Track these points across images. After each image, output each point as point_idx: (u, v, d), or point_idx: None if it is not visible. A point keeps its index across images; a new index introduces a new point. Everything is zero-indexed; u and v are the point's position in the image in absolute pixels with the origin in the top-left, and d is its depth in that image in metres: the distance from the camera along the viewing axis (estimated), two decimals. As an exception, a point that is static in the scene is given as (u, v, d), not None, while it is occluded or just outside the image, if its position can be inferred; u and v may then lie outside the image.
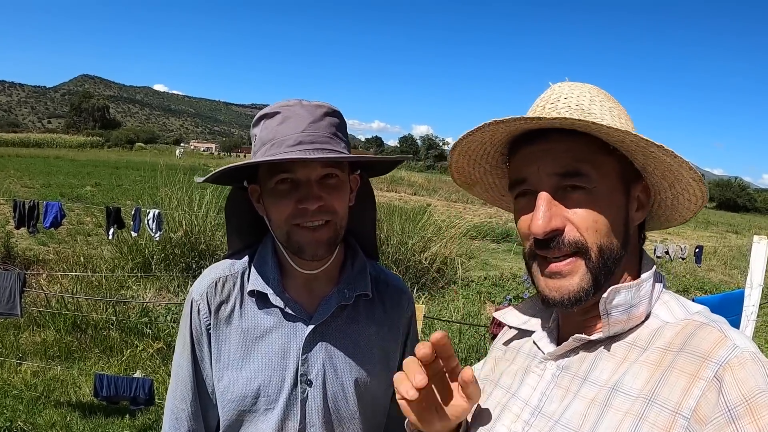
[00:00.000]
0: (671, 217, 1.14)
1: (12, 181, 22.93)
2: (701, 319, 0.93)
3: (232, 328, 1.47)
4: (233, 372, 1.45)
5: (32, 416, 4.87)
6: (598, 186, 0.97)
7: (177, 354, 1.54)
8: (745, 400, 0.78)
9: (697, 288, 12.31)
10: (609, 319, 0.96)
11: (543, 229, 0.96)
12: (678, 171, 0.98)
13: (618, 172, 1.01)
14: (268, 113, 1.39)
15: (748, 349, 0.84)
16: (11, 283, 4.94)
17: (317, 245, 1.37)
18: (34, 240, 11.14)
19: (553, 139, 0.99)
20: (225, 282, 1.49)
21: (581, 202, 0.97)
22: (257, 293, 1.46)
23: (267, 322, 1.46)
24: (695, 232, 29.08)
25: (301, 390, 1.44)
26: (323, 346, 1.46)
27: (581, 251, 0.97)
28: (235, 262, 1.53)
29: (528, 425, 1.01)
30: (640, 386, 0.89)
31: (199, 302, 1.48)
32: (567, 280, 0.98)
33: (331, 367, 1.46)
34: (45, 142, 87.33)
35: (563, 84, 1.08)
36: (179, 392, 1.51)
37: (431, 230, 10.45)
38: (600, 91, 1.07)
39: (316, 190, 1.35)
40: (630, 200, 1.03)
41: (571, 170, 0.97)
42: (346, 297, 1.49)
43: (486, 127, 0.99)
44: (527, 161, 1.02)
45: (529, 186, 1.02)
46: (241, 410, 1.44)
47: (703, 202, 1.05)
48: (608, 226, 0.98)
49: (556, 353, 1.05)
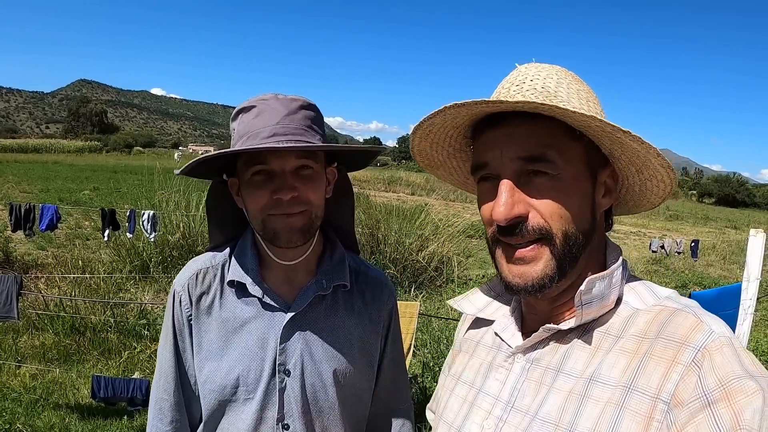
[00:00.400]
0: (639, 203, 1.13)
1: (10, 187, 22.91)
2: (674, 305, 0.94)
3: (212, 319, 1.49)
4: (213, 362, 1.47)
5: (31, 419, 4.87)
6: (563, 172, 0.96)
7: (160, 346, 1.56)
8: (721, 384, 0.79)
9: (696, 283, 12.29)
10: (583, 309, 0.95)
11: (505, 216, 0.95)
12: (645, 157, 0.96)
13: (584, 158, 0.99)
14: (245, 107, 1.42)
15: (723, 334, 0.85)
16: (8, 286, 4.94)
17: (291, 231, 1.40)
18: (33, 244, 11.13)
19: (516, 123, 0.97)
20: (206, 273, 1.52)
21: (545, 188, 0.96)
22: (236, 283, 1.49)
23: (246, 312, 1.48)
24: (694, 228, 29.14)
25: (280, 380, 1.46)
26: (301, 336, 1.48)
27: (545, 237, 0.96)
28: (216, 255, 1.55)
29: (501, 421, 1.00)
30: (618, 375, 0.89)
31: (181, 294, 1.51)
32: (531, 266, 0.97)
33: (309, 357, 1.48)
34: (43, 147, 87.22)
35: (530, 65, 1.05)
36: (162, 383, 1.54)
37: (429, 229, 10.46)
38: (568, 73, 1.04)
39: (291, 180, 1.37)
40: (596, 186, 1.02)
41: (535, 155, 0.95)
42: (323, 287, 1.51)
43: (447, 110, 0.97)
44: (490, 145, 1.00)
45: (491, 170, 1.00)
46: (221, 400, 1.46)
47: (672, 188, 1.03)
48: (573, 213, 0.96)
49: (524, 346, 1.04)
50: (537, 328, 1.02)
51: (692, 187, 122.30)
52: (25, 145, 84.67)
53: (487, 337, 1.17)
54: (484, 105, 0.93)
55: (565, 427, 0.90)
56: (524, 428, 0.95)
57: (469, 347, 1.21)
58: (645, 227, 26.59)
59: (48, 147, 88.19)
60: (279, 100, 1.40)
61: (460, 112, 0.98)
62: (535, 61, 1.06)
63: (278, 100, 1.40)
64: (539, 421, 0.94)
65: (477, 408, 1.06)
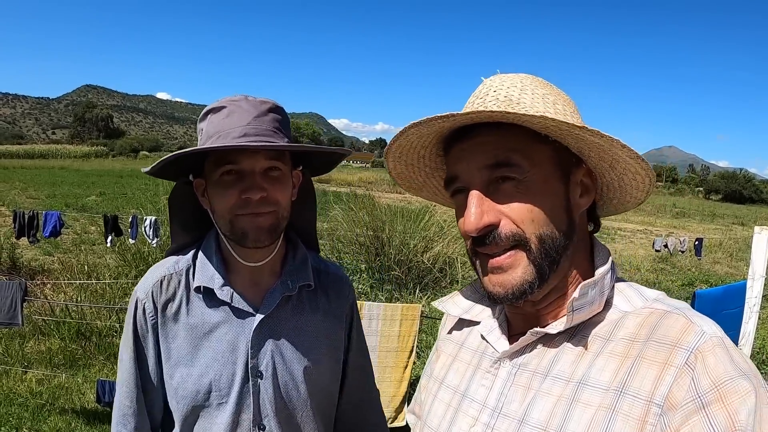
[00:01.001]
0: (623, 200, 1.11)
1: (17, 193, 23.06)
2: (663, 307, 0.93)
3: (179, 326, 1.49)
4: (184, 368, 1.47)
5: (37, 423, 4.90)
6: (529, 174, 0.95)
7: (121, 353, 1.56)
8: (715, 386, 0.79)
9: (703, 281, 12.25)
10: (574, 314, 0.94)
11: (475, 226, 0.94)
12: (611, 151, 0.95)
13: (553, 159, 0.98)
14: (214, 107, 1.43)
15: (715, 335, 0.85)
16: (12, 293, 4.96)
17: (259, 231, 1.41)
18: (39, 250, 11.19)
19: (482, 134, 0.97)
20: (170, 280, 1.51)
21: (513, 193, 0.95)
22: (203, 289, 1.49)
23: (214, 317, 1.49)
24: (701, 225, 29.04)
25: (253, 382, 1.47)
26: (271, 338, 1.50)
27: (520, 243, 0.95)
28: (180, 260, 1.55)
29: (489, 428, 0.99)
30: (609, 378, 0.88)
31: (144, 301, 1.50)
32: (509, 274, 0.96)
33: (280, 358, 1.50)
34: (50, 153, 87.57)
35: (494, 77, 1.04)
36: (124, 389, 1.53)
37: (433, 230, 10.44)
38: (535, 80, 1.03)
39: (260, 181, 1.39)
40: (571, 186, 1.00)
41: (500, 160, 0.95)
42: (289, 288, 1.53)
43: (408, 130, 0.97)
44: (457, 158, 1.00)
45: (461, 183, 1.00)
46: (194, 406, 1.47)
47: (650, 180, 1.01)
48: (546, 215, 0.95)
49: (511, 350, 1.03)
50: (523, 330, 1.02)
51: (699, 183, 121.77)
52: (31, 151, 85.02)
53: (471, 339, 1.16)
54: (439, 121, 0.93)
55: (553, 431, 0.89)
56: None
57: (453, 350, 1.20)
58: (652, 225, 26.55)
59: (54, 152, 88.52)
60: (249, 102, 1.41)
61: (422, 131, 0.99)
62: (499, 72, 1.05)
63: (248, 102, 1.41)
64: (527, 426, 0.93)
65: (463, 414, 1.05)
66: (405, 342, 4.61)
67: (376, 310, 4.53)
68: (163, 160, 1.40)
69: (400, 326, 4.58)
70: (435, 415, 1.12)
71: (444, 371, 1.17)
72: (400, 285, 9.03)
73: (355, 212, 10.40)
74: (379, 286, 8.96)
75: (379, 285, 9.00)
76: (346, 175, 46.28)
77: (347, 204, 10.80)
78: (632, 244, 18.38)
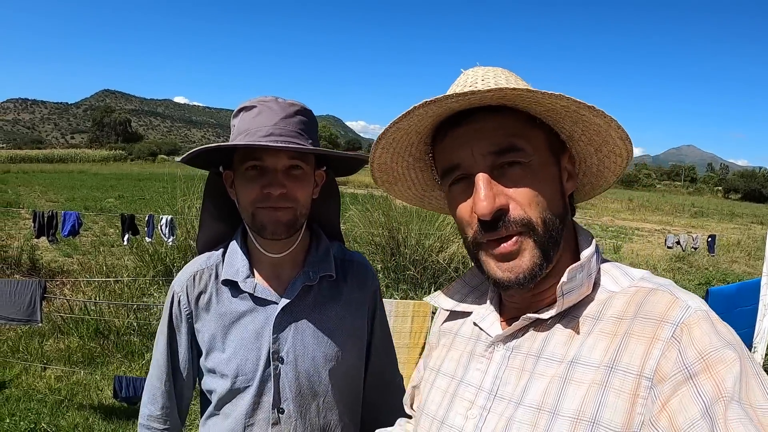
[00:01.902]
0: (596, 185, 1.15)
1: (37, 196, 23.26)
2: (648, 285, 0.96)
3: (211, 315, 1.60)
4: (217, 353, 1.58)
5: (56, 418, 4.98)
6: (533, 159, 0.97)
7: (157, 340, 1.69)
8: (701, 356, 0.81)
9: (720, 280, 12.09)
10: (564, 299, 0.96)
11: (490, 209, 0.94)
12: (606, 132, 0.98)
13: (547, 144, 1.01)
14: (246, 106, 1.52)
15: (700, 308, 0.87)
16: (32, 291, 5.07)
17: (276, 224, 1.49)
18: (59, 251, 11.31)
19: (480, 118, 0.98)
20: (202, 274, 1.63)
21: (520, 177, 0.96)
22: (230, 282, 1.60)
23: (240, 307, 1.59)
24: (720, 224, 28.72)
25: (274, 367, 1.55)
26: (293, 326, 1.58)
27: (527, 227, 0.95)
28: (211, 256, 1.67)
29: (485, 410, 1.01)
30: (599, 356, 0.90)
31: (180, 294, 1.62)
32: (518, 259, 0.97)
33: (301, 345, 1.58)
34: (69, 157, 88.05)
35: (476, 68, 1.05)
36: (156, 372, 1.67)
37: (449, 230, 10.43)
38: (512, 73, 1.05)
39: (281, 178, 1.48)
40: (561, 171, 1.04)
41: (505, 146, 0.96)
42: (310, 278, 1.61)
43: (415, 111, 0.94)
44: (457, 145, 1.00)
45: (463, 171, 1.00)
46: (225, 388, 1.56)
47: (628, 162, 1.05)
48: (548, 199, 0.98)
49: (504, 334, 1.05)
50: (516, 316, 1.04)
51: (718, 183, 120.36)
52: (50, 156, 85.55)
53: (465, 328, 1.19)
54: (454, 100, 0.92)
55: (548, 410, 0.91)
56: (509, 416, 0.96)
57: (447, 340, 1.22)
58: (669, 224, 26.30)
59: (73, 157, 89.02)
60: (278, 103, 1.50)
61: (428, 112, 0.97)
62: (479, 65, 1.06)
63: (277, 103, 1.50)
64: (523, 407, 0.95)
65: (459, 399, 1.07)
66: (416, 338, 4.63)
67: (388, 307, 4.54)
68: (194, 151, 1.49)
69: (411, 323, 4.61)
70: (432, 402, 1.14)
71: (440, 361, 1.20)
72: (415, 284, 9.05)
73: (371, 213, 10.42)
74: (395, 286, 8.99)
75: (395, 284, 9.02)
76: (364, 176, 46.21)
77: (364, 205, 10.83)
78: (650, 244, 18.25)
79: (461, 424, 1.03)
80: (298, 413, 1.57)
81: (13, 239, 11.84)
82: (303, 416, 1.58)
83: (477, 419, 1.01)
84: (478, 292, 1.22)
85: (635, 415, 0.84)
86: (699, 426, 0.76)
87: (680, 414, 0.78)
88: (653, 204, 41.26)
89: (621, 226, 23.77)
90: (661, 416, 0.80)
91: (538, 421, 0.91)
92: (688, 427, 0.76)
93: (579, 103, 0.91)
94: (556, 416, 0.90)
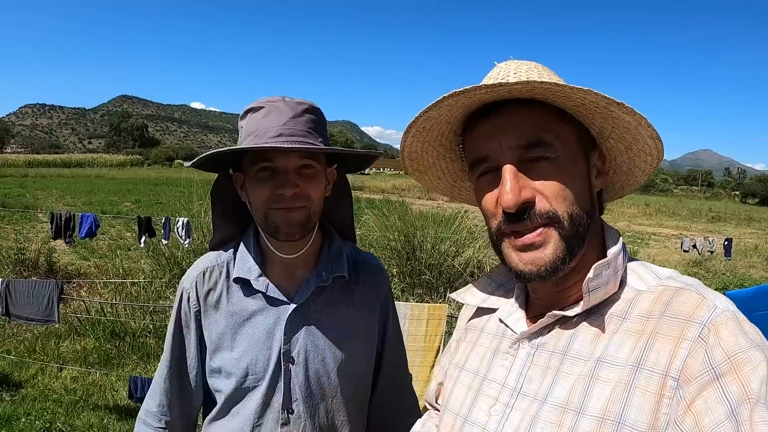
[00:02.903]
0: (626, 183, 1.14)
1: (54, 200, 23.47)
2: (676, 284, 0.94)
3: (220, 313, 1.58)
4: (225, 353, 1.56)
5: (71, 419, 5.01)
6: (561, 154, 0.97)
7: (166, 336, 1.67)
8: (728, 357, 0.80)
9: (737, 285, 11.94)
10: (590, 295, 0.95)
11: (515, 201, 0.94)
12: (636, 130, 0.97)
13: (576, 140, 1.00)
14: (254, 107, 1.50)
15: (727, 309, 0.86)
16: (50, 291, 5.12)
17: (290, 225, 1.48)
18: (76, 254, 11.39)
19: (509, 111, 0.98)
20: (212, 271, 1.61)
21: (547, 171, 0.96)
22: (241, 280, 1.58)
23: (252, 305, 1.57)
24: (737, 229, 28.49)
25: (285, 367, 1.54)
26: (305, 326, 1.57)
27: (553, 221, 0.95)
28: (221, 253, 1.65)
29: (509, 407, 1.00)
30: (626, 355, 0.90)
31: (189, 291, 1.60)
32: (541, 251, 0.96)
33: (312, 345, 1.56)
34: (86, 162, 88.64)
35: (510, 62, 1.06)
36: (160, 369, 1.66)
37: (464, 234, 10.40)
38: (547, 68, 1.05)
39: (293, 178, 1.46)
40: (590, 167, 1.03)
41: (533, 141, 0.96)
42: (323, 279, 1.59)
43: (445, 100, 0.95)
44: (486, 137, 1.00)
45: (491, 162, 1.00)
46: (233, 388, 1.55)
47: (658, 161, 1.04)
48: (575, 194, 0.97)
49: (529, 332, 1.04)
50: (542, 313, 1.03)
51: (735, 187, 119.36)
52: (68, 160, 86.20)
53: (490, 325, 1.18)
54: (483, 91, 0.92)
55: (574, 409, 0.90)
56: (533, 413, 0.95)
57: (472, 336, 1.21)
58: (686, 229, 26.12)
59: (90, 161, 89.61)
60: (286, 103, 1.49)
61: (456, 103, 0.97)
62: (513, 59, 1.07)
63: (285, 103, 1.49)
64: (548, 405, 0.94)
65: (483, 395, 1.06)
66: (431, 341, 4.62)
67: (403, 310, 4.54)
68: (203, 156, 1.49)
69: (426, 326, 4.59)
70: (456, 398, 1.13)
71: (464, 357, 1.19)
72: (430, 289, 9.03)
73: (387, 218, 10.42)
74: (410, 290, 8.97)
75: (410, 289, 9.01)
76: (380, 182, 46.35)
77: (380, 210, 10.83)
78: (666, 249, 18.13)
79: (484, 421, 1.03)
80: (308, 414, 1.56)
81: (30, 241, 11.94)
82: (312, 417, 1.57)
83: (500, 416, 1.01)
84: (504, 288, 1.21)
85: (660, 415, 0.83)
86: (724, 427, 0.75)
87: (705, 415, 0.77)
88: (670, 209, 41.03)
89: (637, 231, 23.65)
90: (686, 417, 0.79)
91: (563, 420, 0.91)
92: (714, 428, 0.76)
93: (608, 99, 0.90)
94: (581, 415, 0.89)
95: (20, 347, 6.56)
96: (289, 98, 1.51)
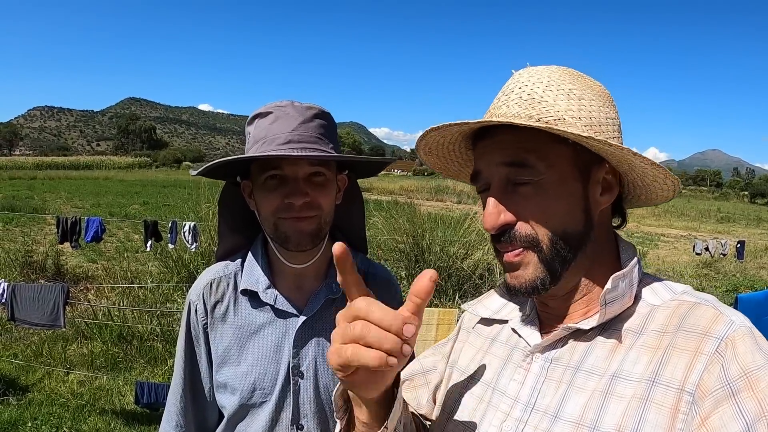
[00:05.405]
0: (651, 196, 1.10)
1: (62, 202, 23.58)
2: (691, 299, 0.94)
3: (227, 326, 1.54)
4: (231, 367, 1.52)
5: (77, 423, 5.01)
6: (546, 176, 0.96)
7: (176, 353, 1.62)
8: (744, 373, 0.79)
9: (747, 286, 11.94)
10: (606, 308, 0.95)
11: (492, 224, 0.98)
12: (625, 158, 0.95)
13: (571, 159, 0.98)
14: (261, 113, 1.46)
15: (744, 324, 0.86)
16: (55, 296, 5.10)
17: (301, 235, 1.43)
18: (84, 257, 11.42)
19: (502, 132, 0.99)
20: (219, 282, 1.57)
21: (530, 195, 0.97)
22: (249, 292, 1.53)
23: (260, 318, 1.53)
24: (746, 230, 28.43)
25: (294, 382, 1.50)
26: (314, 339, 1.52)
27: (532, 245, 0.97)
28: (229, 264, 1.61)
29: (521, 423, 0.98)
30: (641, 370, 0.89)
31: (197, 303, 1.56)
32: (522, 270, 0.99)
33: (322, 360, 1.52)
34: (94, 164, 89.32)
35: (523, 71, 1.06)
36: (173, 387, 1.61)
37: (473, 237, 10.37)
38: (564, 73, 1.03)
39: (303, 186, 1.41)
40: (591, 185, 1.00)
41: (516, 160, 0.97)
42: (333, 291, 1.54)
43: (427, 134, 1.04)
44: (479, 155, 1.04)
45: (483, 180, 1.03)
46: (240, 403, 1.50)
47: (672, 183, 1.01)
48: (560, 217, 0.97)
49: (543, 344, 1.03)
50: (553, 326, 1.04)
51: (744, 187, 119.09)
52: (76, 162, 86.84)
53: (503, 334, 1.16)
54: (454, 126, 0.99)
55: (588, 425, 0.89)
56: (545, 429, 0.94)
57: (482, 344, 1.19)
58: (695, 230, 26.05)
59: (99, 164, 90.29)
60: (295, 108, 1.44)
61: (443, 133, 1.05)
62: (529, 65, 1.07)
63: (294, 108, 1.44)
64: (561, 421, 0.93)
65: (494, 408, 1.05)
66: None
67: (412, 314, 4.50)
68: (210, 165, 1.44)
69: (436, 331, 4.56)
70: (465, 408, 1.11)
71: (474, 364, 1.16)
72: (439, 292, 9.00)
73: (395, 219, 10.39)
74: (419, 293, 8.94)
75: (419, 292, 8.98)
76: (388, 183, 46.39)
77: (388, 212, 10.81)
78: (676, 250, 18.06)
79: None
80: (318, 430, 1.52)
81: (38, 244, 11.97)
82: None
83: None
84: (516, 300, 1.19)
85: (675, 430, 0.82)
86: None
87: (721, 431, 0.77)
88: (679, 209, 40.99)
89: (646, 233, 23.58)
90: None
91: None
92: None
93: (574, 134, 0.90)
94: (596, 431, 0.88)
95: (27, 351, 6.57)
96: (298, 103, 1.46)
